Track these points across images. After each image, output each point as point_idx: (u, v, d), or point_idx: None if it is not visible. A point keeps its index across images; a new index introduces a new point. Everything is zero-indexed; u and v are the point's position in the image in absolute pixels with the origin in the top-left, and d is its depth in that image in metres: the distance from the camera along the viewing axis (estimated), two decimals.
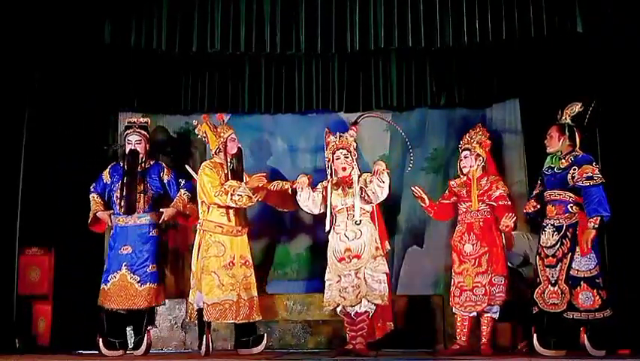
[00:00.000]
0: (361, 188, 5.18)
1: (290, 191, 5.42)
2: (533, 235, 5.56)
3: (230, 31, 5.92)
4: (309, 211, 5.38)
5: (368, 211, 5.27)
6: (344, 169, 5.27)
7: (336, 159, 5.29)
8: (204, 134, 5.49)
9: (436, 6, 5.84)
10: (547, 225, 4.97)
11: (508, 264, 5.38)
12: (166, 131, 6.68)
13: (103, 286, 5.41)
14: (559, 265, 4.84)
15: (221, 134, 5.42)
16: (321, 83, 6.45)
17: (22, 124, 5.74)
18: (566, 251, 4.85)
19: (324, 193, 5.29)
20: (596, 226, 4.72)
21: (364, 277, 5.07)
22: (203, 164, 5.45)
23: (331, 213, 5.23)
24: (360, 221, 5.17)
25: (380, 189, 5.13)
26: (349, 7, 5.92)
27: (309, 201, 5.27)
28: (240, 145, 5.52)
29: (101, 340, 5.29)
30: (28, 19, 5.70)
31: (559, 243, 4.87)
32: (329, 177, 5.34)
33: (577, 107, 5.07)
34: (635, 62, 5.39)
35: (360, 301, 5.08)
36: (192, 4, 5.94)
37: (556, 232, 4.91)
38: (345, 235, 5.18)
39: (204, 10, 5.95)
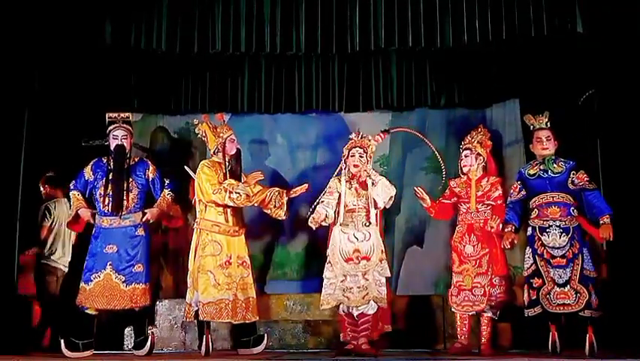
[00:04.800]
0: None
1: (286, 199, 5.39)
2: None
3: (230, 32, 5.92)
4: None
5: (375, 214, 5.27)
6: (356, 166, 5.27)
7: (351, 156, 5.31)
8: (204, 134, 5.48)
9: (436, 6, 5.83)
10: (552, 226, 4.98)
11: None
12: (166, 131, 6.69)
13: (84, 285, 5.25)
14: (570, 266, 4.86)
15: (221, 134, 5.42)
16: (321, 83, 6.46)
17: (22, 125, 5.72)
18: (576, 252, 4.89)
19: (338, 191, 5.30)
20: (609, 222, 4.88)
21: (373, 280, 5.08)
22: (201, 162, 5.44)
23: (337, 209, 5.23)
24: (369, 223, 5.19)
25: (386, 192, 5.17)
26: (349, 7, 5.92)
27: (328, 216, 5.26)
28: (239, 146, 5.50)
29: (62, 341, 5.15)
30: (29, 19, 5.69)
31: (569, 244, 4.90)
32: (343, 171, 5.33)
33: (548, 115, 5.18)
34: (635, 62, 5.39)
35: (368, 303, 5.08)
36: (192, 5, 5.94)
37: (564, 234, 4.93)
38: (355, 235, 5.17)
39: (204, 10, 5.94)
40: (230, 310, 5.18)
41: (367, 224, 5.19)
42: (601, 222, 4.90)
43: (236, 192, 5.20)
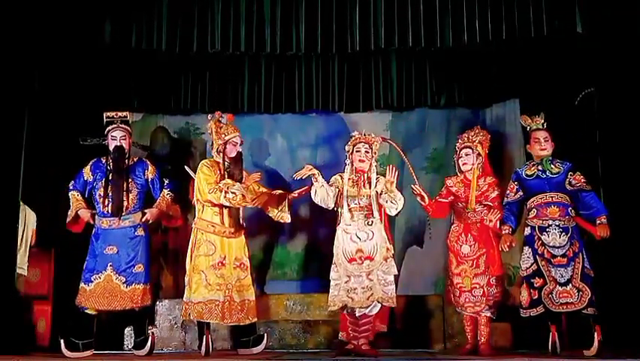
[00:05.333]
0: (378, 193, 5.16)
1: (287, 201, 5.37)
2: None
3: (230, 31, 5.91)
4: (324, 205, 5.24)
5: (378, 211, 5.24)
6: (362, 161, 5.20)
7: (356, 152, 5.22)
8: (210, 132, 5.46)
9: (436, 6, 5.83)
10: (552, 225, 4.99)
11: None
12: (166, 131, 6.69)
13: (84, 285, 5.22)
14: (571, 265, 4.88)
15: (223, 135, 5.37)
16: (321, 83, 6.47)
17: (22, 124, 5.71)
18: (576, 251, 4.91)
19: (339, 187, 5.25)
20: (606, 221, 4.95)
21: (377, 280, 5.05)
22: (202, 162, 5.41)
23: (341, 207, 5.18)
24: (372, 222, 5.15)
25: (394, 207, 5.16)
26: (349, 7, 5.92)
27: (322, 190, 5.16)
28: (240, 150, 5.42)
29: (62, 341, 5.12)
30: (29, 19, 5.69)
31: (569, 243, 4.92)
32: (346, 167, 5.26)
33: (544, 116, 5.21)
34: (635, 62, 5.39)
35: (372, 304, 5.04)
36: (192, 4, 5.94)
37: (563, 233, 4.95)
38: (357, 235, 5.10)
39: (204, 10, 5.94)
40: (219, 312, 5.12)
41: (370, 223, 5.16)
42: (598, 221, 4.94)
43: (231, 192, 5.15)
